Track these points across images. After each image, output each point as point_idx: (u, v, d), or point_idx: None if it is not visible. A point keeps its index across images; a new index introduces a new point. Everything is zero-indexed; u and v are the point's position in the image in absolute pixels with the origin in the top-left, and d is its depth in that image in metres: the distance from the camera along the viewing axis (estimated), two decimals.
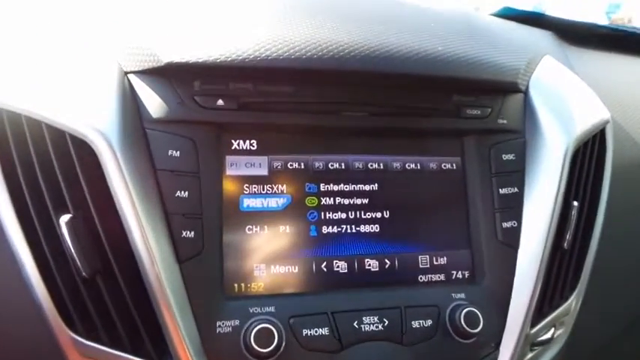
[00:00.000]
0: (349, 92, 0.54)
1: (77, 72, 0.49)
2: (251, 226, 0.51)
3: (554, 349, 0.58)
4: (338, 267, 0.53)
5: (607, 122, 0.64)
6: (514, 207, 0.56)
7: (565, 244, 0.57)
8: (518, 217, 0.56)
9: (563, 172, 0.56)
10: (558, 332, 0.58)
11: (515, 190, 0.57)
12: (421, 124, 0.56)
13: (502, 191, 0.56)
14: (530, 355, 0.56)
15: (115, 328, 0.46)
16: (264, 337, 0.45)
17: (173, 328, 0.45)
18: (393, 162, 0.57)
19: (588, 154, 0.61)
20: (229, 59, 0.48)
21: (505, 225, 0.56)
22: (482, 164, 0.57)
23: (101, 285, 0.45)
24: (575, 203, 0.58)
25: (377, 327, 0.49)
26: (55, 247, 0.45)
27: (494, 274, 0.55)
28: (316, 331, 0.48)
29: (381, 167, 0.56)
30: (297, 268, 0.52)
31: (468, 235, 0.56)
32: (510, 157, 0.58)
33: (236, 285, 0.50)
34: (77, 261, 0.44)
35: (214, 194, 0.49)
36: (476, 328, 0.50)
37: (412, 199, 0.56)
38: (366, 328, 0.49)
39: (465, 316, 0.50)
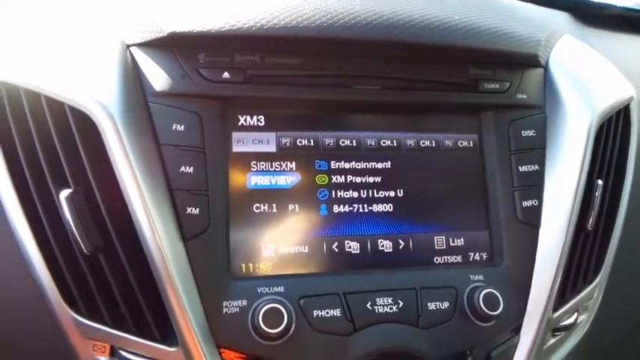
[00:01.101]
0: (361, 64, 0.51)
1: (77, 45, 0.47)
2: (259, 205, 0.49)
3: (577, 336, 0.55)
4: (350, 247, 0.50)
5: (631, 98, 0.61)
6: (535, 185, 0.53)
7: (589, 225, 0.54)
8: (539, 196, 0.53)
9: (586, 148, 0.53)
10: (582, 318, 0.56)
11: (536, 167, 0.54)
12: (436, 98, 0.53)
13: (522, 169, 0.54)
14: (552, 341, 0.53)
15: (118, 309, 0.44)
16: (273, 317, 0.43)
17: (178, 308, 0.43)
18: (406, 139, 0.54)
19: (612, 131, 0.58)
20: (235, 29, 0.46)
21: (525, 204, 0.53)
22: (500, 141, 0.54)
23: (103, 263, 0.43)
24: (600, 182, 0.55)
25: (391, 308, 0.47)
26: (55, 223, 0.43)
27: (514, 255, 0.52)
28: (327, 312, 0.46)
29: (394, 144, 0.54)
30: (307, 248, 0.49)
31: (486, 214, 0.54)
32: (530, 133, 0.55)
33: (243, 265, 0.48)
34: (78, 237, 0.42)
35: (220, 171, 0.47)
36: (496, 310, 0.47)
37: (427, 178, 0.54)
38: (380, 310, 0.47)
39: (484, 297, 0.48)
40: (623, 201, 0.58)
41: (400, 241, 0.52)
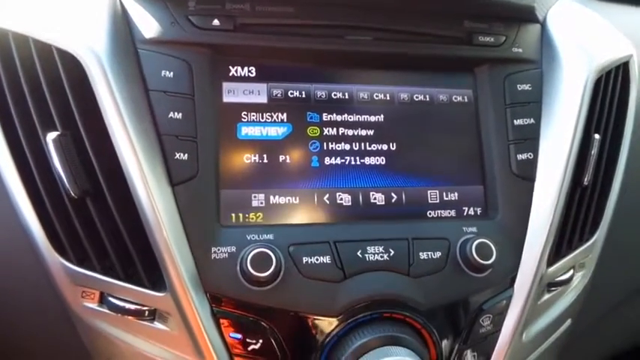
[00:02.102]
0: (354, 15, 0.50)
1: None
2: (249, 155, 0.49)
3: (573, 293, 0.55)
4: (341, 199, 0.50)
5: (630, 56, 0.60)
6: (530, 138, 0.53)
7: (585, 180, 0.53)
8: (534, 149, 0.52)
9: (582, 102, 0.52)
10: (578, 275, 0.55)
11: (532, 121, 0.53)
12: (429, 50, 0.53)
13: (517, 122, 0.53)
14: (547, 296, 0.52)
15: (107, 256, 0.44)
16: (262, 261, 0.42)
17: (166, 253, 0.43)
18: (400, 93, 0.53)
19: (611, 86, 0.56)
20: None
21: (520, 157, 0.52)
22: (495, 95, 0.54)
23: (91, 207, 0.43)
24: (597, 136, 0.54)
25: (382, 257, 0.46)
26: (42, 166, 0.43)
27: (508, 208, 0.51)
28: (317, 260, 0.45)
29: (388, 98, 0.53)
30: (297, 199, 0.49)
31: (480, 169, 0.53)
32: (526, 87, 0.54)
33: (233, 215, 0.47)
34: (65, 180, 0.42)
35: (210, 119, 0.47)
36: (488, 259, 0.47)
37: (420, 132, 0.53)
38: (371, 258, 0.46)
39: (477, 247, 0.47)
40: (621, 157, 0.57)
41: (393, 194, 0.51)
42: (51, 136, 0.42)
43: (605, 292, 0.61)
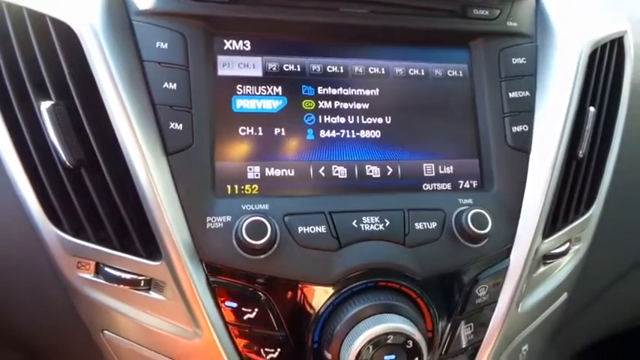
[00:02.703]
0: None
1: None
2: (244, 128, 0.49)
3: (568, 267, 0.55)
4: (337, 172, 0.50)
5: (625, 32, 0.60)
6: (525, 111, 0.53)
7: (580, 153, 0.53)
8: (529, 122, 0.52)
9: (577, 73, 0.53)
10: (574, 249, 0.55)
11: (526, 94, 0.53)
12: (424, 24, 0.53)
13: (512, 95, 0.53)
14: (542, 269, 0.52)
15: (102, 227, 0.44)
16: (257, 229, 0.42)
17: (161, 222, 0.43)
18: (395, 67, 0.53)
19: (605, 60, 0.57)
20: None
21: (515, 129, 0.52)
22: (490, 68, 0.54)
23: (85, 177, 0.43)
24: (592, 109, 0.54)
25: (377, 227, 0.46)
26: (37, 136, 0.43)
27: (504, 181, 0.51)
28: (313, 229, 0.45)
29: (383, 72, 0.53)
30: (293, 171, 0.49)
31: (476, 142, 0.53)
32: (521, 60, 0.54)
33: (229, 187, 0.47)
34: (60, 150, 0.42)
35: (205, 92, 0.47)
36: (484, 229, 0.47)
37: (416, 106, 0.53)
38: (366, 228, 0.46)
39: (472, 217, 0.47)
40: (617, 131, 0.57)
41: (388, 167, 0.51)
42: (45, 105, 0.42)
43: (602, 267, 0.61)
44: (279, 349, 0.44)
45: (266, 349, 0.44)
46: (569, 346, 0.67)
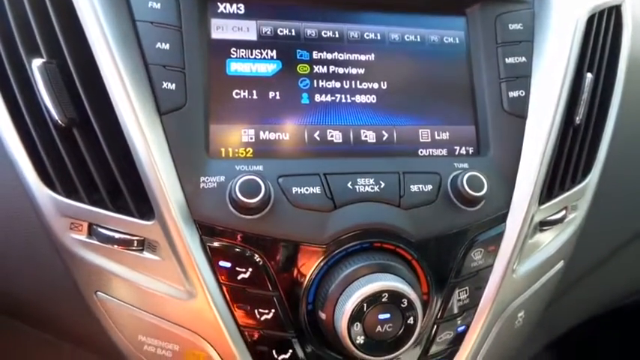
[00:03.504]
0: None
1: None
2: (239, 91, 0.48)
3: (565, 234, 0.54)
4: (332, 136, 0.50)
5: (622, 1, 0.59)
6: (521, 76, 0.52)
7: (577, 119, 0.53)
8: (525, 87, 0.52)
9: (574, 39, 0.52)
10: (570, 216, 0.55)
11: (523, 59, 0.53)
12: None
13: (508, 60, 0.53)
14: (539, 235, 0.52)
15: (95, 190, 0.44)
16: (250, 188, 0.42)
17: (154, 181, 0.42)
18: (390, 33, 0.53)
19: (603, 27, 0.56)
20: None
21: (512, 94, 0.52)
22: (487, 34, 0.53)
23: (78, 137, 0.43)
24: (589, 75, 0.53)
25: (372, 188, 0.46)
26: (28, 94, 0.43)
27: (500, 146, 0.51)
28: (307, 190, 0.45)
29: (378, 38, 0.53)
30: (287, 135, 0.49)
31: (472, 108, 0.53)
32: (517, 26, 0.54)
33: (223, 150, 0.47)
34: (51, 108, 0.42)
35: (198, 53, 0.46)
36: (479, 191, 0.46)
37: (411, 71, 0.53)
38: (361, 189, 0.46)
39: (467, 179, 0.47)
40: (614, 98, 0.57)
41: (384, 132, 0.51)
42: (36, 63, 0.42)
43: (601, 236, 0.61)
44: (273, 310, 0.44)
45: (260, 310, 0.44)
46: (565, 320, 0.67)
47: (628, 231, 0.63)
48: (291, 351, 0.45)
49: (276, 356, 0.45)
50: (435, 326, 0.48)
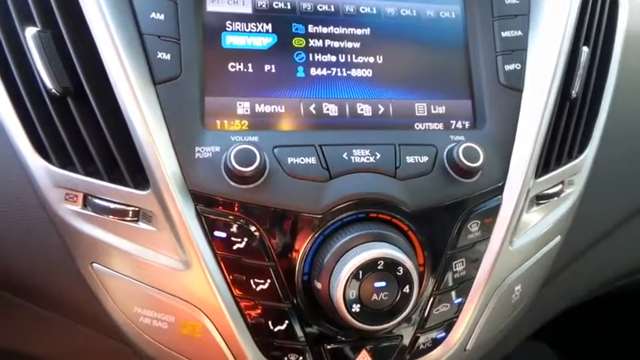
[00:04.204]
0: None
1: None
2: (234, 64, 0.48)
3: (562, 209, 0.54)
4: (328, 109, 0.49)
5: None
6: (517, 50, 0.52)
7: (573, 92, 0.53)
8: (522, 60, 0.52)
9: (570, 12, 0.52)
10: (567, 191, 0.55)
11: (519, 33, 0.53)
12: None
13: (504, 34, 0.52)
14: (535, 209, 0.52)
15: (89, 158, 0.43)
16: (246, 156, 0.42)
17: (149, 150, 0.42)
18: (386, 7, 0.53)
19: (599, 3, 0.56)
20: None
21: (508, 67, 0.52)
22: (483, 9, 0.53)
23: (72, 106, 0.43)
24: (585, 49, 0.53)
25: (368, 159, 0.46)
26: (22, 63, 0.43)
27: (496, 119, 0.51)
28: (302, 160, 0.45)
29: (374, 12, 0.52)
30: (283, 107, 0.48)
31: (468, 82, 0.52)
32: (514, 0, 0.54)
33: (218, 122, 0.47)
34: (45, 77, 0.42)
35: (193, 25, 0.46)
36: (475, 162, 0.46)
37: (407, 46, 0.52)
38: (357, 160, 0.46)
39: (463, 150, 0.46)
40: (611, 73, 0.57)
41: (380, 106, 0.51)
42: (30, 32, 0.42)
43: (599, 212, 0.61)
44: (268, 281, 0.44)
45: (256, 280, 0.44)
46: (562, 300, 0.67)
47: (626, 208, 0.63)
48: (287, 322, 0.45)
49: (272, 327, 0.45)
50: (432, 298, 0.48)
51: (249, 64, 0.48)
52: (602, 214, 0.62)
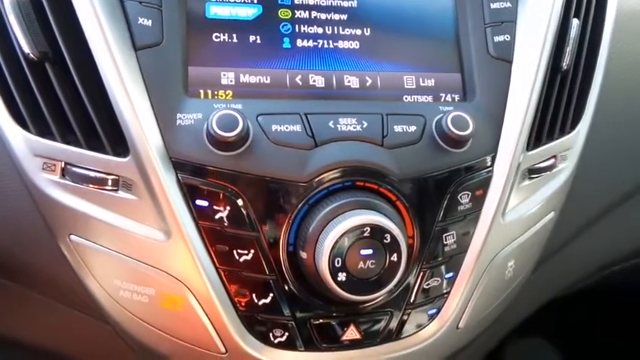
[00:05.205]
0: None
1: None
2: (218, 34, 0.47)
3: (555, 184, 0.53)
4: (314, 81, 0.48)
5: None
6: (507, 21, 0.51)
7: (564, 65, 0.52)
8: (511, 32, 0.51)
9: None
10: (560, 166, 0.53)
11: (508, 4, 0.52)
12: None
13: (493, 6, 0.52)
14: (528, 182, 0.51)
15: (68, 126, 0.42)
16: (228, 121, 0.41)
17: (129, 117, 0.41)
18: None
19: None
20: None
21: (497, 39, 0.51)
22: None
23: (50, 72, 0.42)
24: (576, 20, 0.53)
25: (355, 127, 0.45)
26: None
27: (486, 91, 0.50)
28: (287, 128, 0.43)
29: None
30: (269, 78, 0.47)
31: (457, 54, 0.52)
32: None
33: (202, 91, 0.46)
34: (22, 41, 0.41)
35: None
36: (464, 131, 0.45)
37: (395, 18, 0.51)
38: (343, 128, 0.44)
39: (452, 118, 0.45)
40: (602, 47, 0.56)
41: (367, 78, 0.50)
42: None
43: (593, 192, 0.59)
44: (252, 251, 0.42)
45: (239, 251, 0.42)
46: (561, 280, 0.66)
47: (621, 188, 0.62)
48: (271, 295, 0.43)
49: (256, 301, 0.43)
50: (422, 272, 0.47)
51: (234, 35, 0.48)
52: (596, 193, 0.61)
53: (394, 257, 0.41)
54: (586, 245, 0.63)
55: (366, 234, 0.40)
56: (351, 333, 0.46)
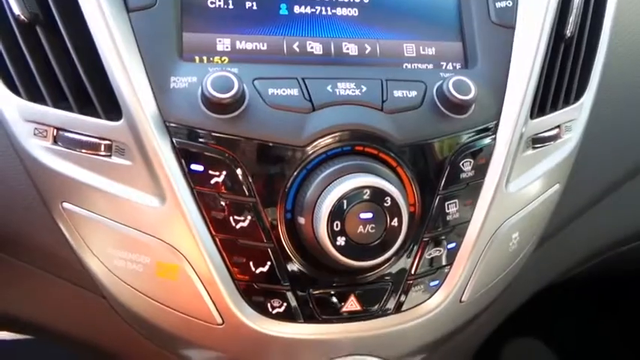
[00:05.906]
0: None
1: None
2: (213, 1, 0.46)
3: (559, 154, 0.52)
4: (312, 47, 0.47)
5: None
6: None
7: (567, 32, 0.51)
8: None
9: None
10: (565, 137, 0.52)
11: None
12: None
13: None
14: (532, 152, 0.50)
15: (60, 90, 0.41)
16: (223, 83, 0.39)
17: (122, 79, 0.40)
18: None
19: None
20: None
21: (499, 5, 0.50)
22: None
23: (41, 35, 0.41)
24: None
25: (353, 92, 0.44)
26: None
27: (488, 58, 0.49)
28: (284, 91, 0.42)
29: None
30: (265, 45, 0.46)
31: (459, 22, 0.50)
32: None
33: (197, 57, 0.44)
34: (12, 2, 0.40)
35: None
36: (466, 95, 0.44)
37: None
38: (341, 92, 0.43)
39: (454, 83, 0.44)
40: (607, 15, 0.55)
41: (366, 46, 0.48)
42: None
43: (599, 166, 0.58)
44: (249, 218, 0.41)
45: (235, 218, 0.41)
46: (566, 259, 0.64)
47: (628, 162, 0.61)
48: (269, 263, 0.42)
49: (253, 269, 0.42)
50: (423, 241, 0.45)
51: (230, 1, 0.47)
52: (601, 169, 0.59)
53: (395, 222, 0.40)
54: (590, 224, 0.62)
55: (365, 197, 0.39)
56: (351, 304, 0.45)
